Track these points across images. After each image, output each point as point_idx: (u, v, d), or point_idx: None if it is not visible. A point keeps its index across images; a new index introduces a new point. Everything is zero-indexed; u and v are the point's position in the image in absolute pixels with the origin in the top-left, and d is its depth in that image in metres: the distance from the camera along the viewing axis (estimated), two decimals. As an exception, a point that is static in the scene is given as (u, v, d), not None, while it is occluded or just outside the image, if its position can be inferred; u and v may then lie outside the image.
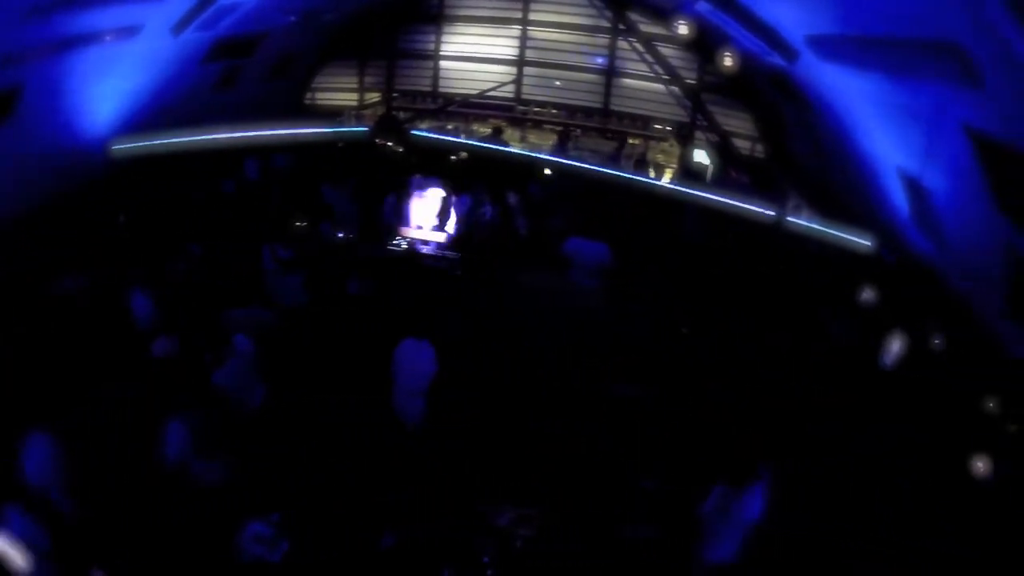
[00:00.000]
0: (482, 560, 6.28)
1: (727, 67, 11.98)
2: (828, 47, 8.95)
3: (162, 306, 8.93)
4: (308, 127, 10.86)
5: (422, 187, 13.21)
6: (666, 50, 17.01)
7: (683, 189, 12.69)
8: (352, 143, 11.65)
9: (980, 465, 6.48)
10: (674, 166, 16.66)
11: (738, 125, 17.22)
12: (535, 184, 14.39)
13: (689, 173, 15.67)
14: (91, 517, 6.20)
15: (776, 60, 11.25)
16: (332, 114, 17.87)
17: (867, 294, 9.31)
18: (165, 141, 8.95)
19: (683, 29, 12.54)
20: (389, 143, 10.19)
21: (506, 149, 14.60)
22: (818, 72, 10.09)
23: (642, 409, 8.46)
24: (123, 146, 9.15)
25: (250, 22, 11.87)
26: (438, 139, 12.82)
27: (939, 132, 7.35)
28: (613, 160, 16.24)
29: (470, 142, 15.45)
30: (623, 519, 7.17)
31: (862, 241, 8.59)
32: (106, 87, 10.04)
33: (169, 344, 7.94)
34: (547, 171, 14.09)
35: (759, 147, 16.99)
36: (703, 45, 15.46)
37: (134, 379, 7.69)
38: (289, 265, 10.05)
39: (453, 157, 14.95)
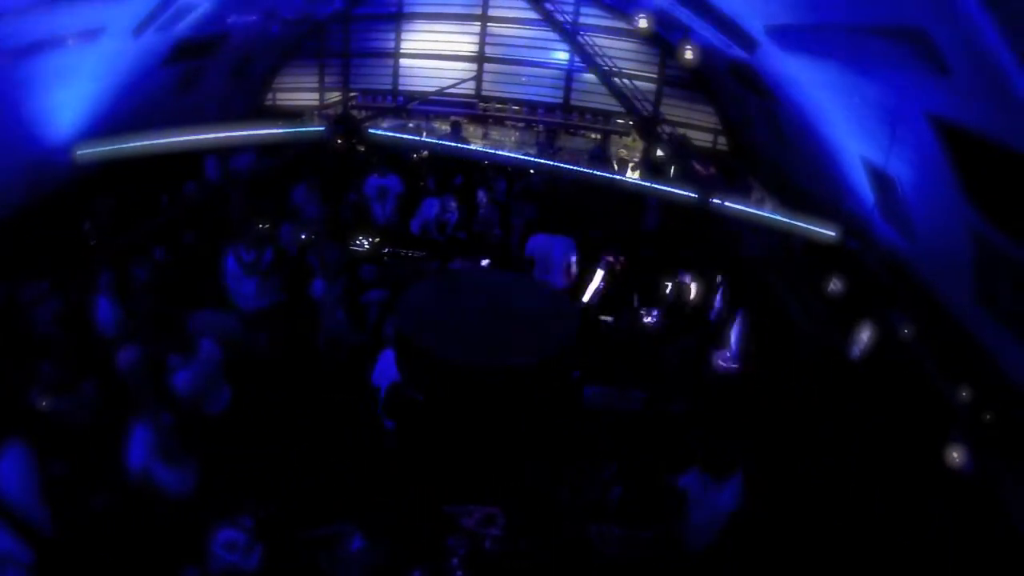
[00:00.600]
0: (451, 562, 6.31)
1: (688, 60, 11.87)
2: (788, 37, 8.87)
3: (126, 311, 8.92)
4: (268, 127, 10.66)
5: (384, 186, 13.12)
6: (627, 44, 17.03)
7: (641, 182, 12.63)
8: (311, 143, 11.52)
9: (955, 455, 6.40)
10: (636, 160, 16.67)
11: (701, 118, 17.27)
12: (500, 181, 14.35)
13: (652, 167, 15.67)
14: (61, 528, 6.14)
15: (736, 52, 11.21)
16: (294, 114, 17.76)
17: (834, 285, 9.27)
18: (128, 145, 8.80)
19: (643, 23, 12.41)
20: (346, 142, 10.05)
21: (466, 146, 14.48)
22: (779, 62, 10.03)
23: (611, 405, 8.51)
24: (87, 151, 9.01)
25: (209, 23, 11.75)
26: (397, 137, 12.70)
27: (903, 120, 7.29)
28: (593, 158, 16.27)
29: (429, 140, 15.38)
30: (590, 515, 7.10)
31: (826, 232, 8.52)
32: (69, 92, 9.88)
33: (133, 350, 7.76)
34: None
35: (722, 140, 17.06)
36: (663, 38, 15.45)
37: (98, 386, 7.65)
38: (252, 268, 9.92)
39: (414, 155, 14.87)
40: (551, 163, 12.77)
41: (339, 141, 9.95)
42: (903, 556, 6.58)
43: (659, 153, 16.25)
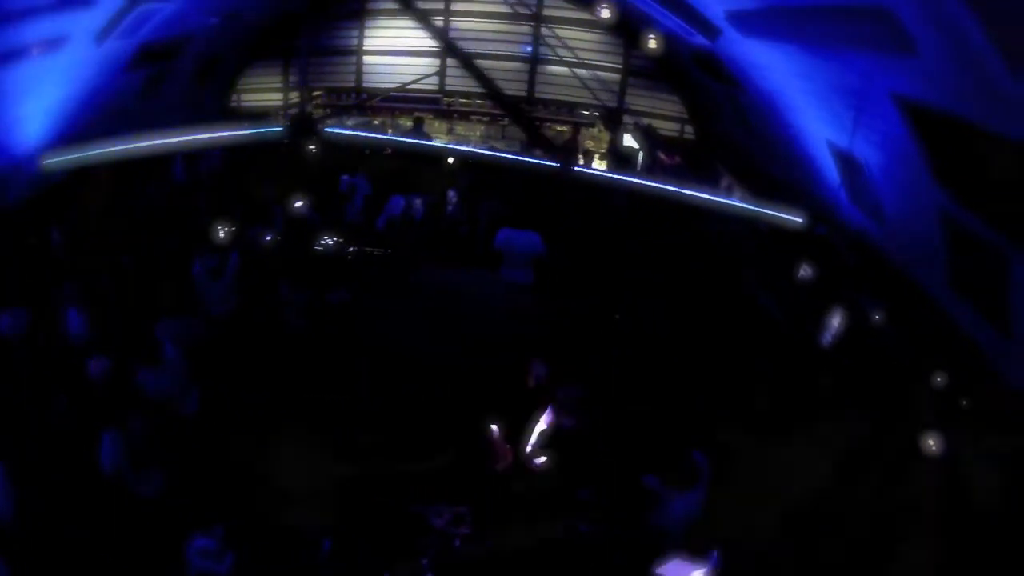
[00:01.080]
0: (421, 562, 6.33)
1: (652, 49, 11.76)
2: (750, 22, 8.78)
3: (95, 319, 8.81)
4: (229, 129, 10.48)
5: (348, 185, 12.97)
6: (590, 35, 16.94)
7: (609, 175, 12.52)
8: (273, 144, 11.36)
9: (932, 441, 6.32)
10: (604, 151, 16.58)
11: (668, 108, 17.19)
12: (464, 177, 14.22)
13: (619, 158, 15.59)
14: (37, 536, 6.17)
15: (699, 39, 11.12)
16: (259, 115, 17.51)
17: (805, 271, 9.21)
18: (94, 152, 8.68)
19: (605, 13, 12.30)
20: (304, 142, 9.91)
21: (429, 143, 14.31)
22: (742, 49, 9.95)
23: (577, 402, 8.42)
24: (53, 160, 8.87)
25: (171, 26, 11.55)
26: (356, 135, 12.51)
27: (868, 103, 7.21)
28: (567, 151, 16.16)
29: (390, 137, 15.19)
30: (559, 515, 7.03)
31: (794, 219, 8.42)
32: (35, 102, 9.68)
33: (102, 357, 7.79)
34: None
35: (689, 129, 17.01)
36: (627, 28, 15.34)
37: (69, 394, 7.64)
38: (217, 272, 9.77)
39: (378, 153, 14.71)
40: (515, 156, 12.62)
41: (295, 141, 9.79)
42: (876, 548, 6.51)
43: (627, 143, 16.18)
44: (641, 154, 15.48)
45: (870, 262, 8.52)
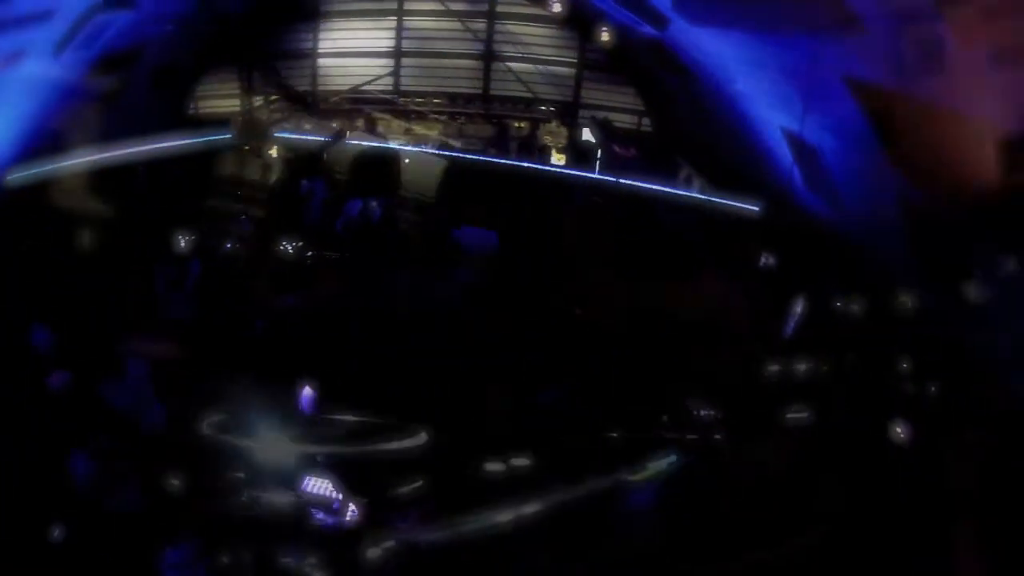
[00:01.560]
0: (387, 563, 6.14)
1: (604, 42, 11.69)
2: (697, 10, 8.69)
3: (59, 335, 8.52)
4: (184, 138, 10.31)
5: (307, 190, 12.79)
6: (544, 30, 16.80)
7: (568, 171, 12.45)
8: (230, 150, 11.21)
9: (900, 429, 6.25)
10: (561, 146, 16.46)
11: (624, 100, 17.08)
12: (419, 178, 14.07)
13: (577, 152, 15.49)
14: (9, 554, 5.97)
15: (648, 30, 11.03)
16: (218, 122, 17.21)
17: (766, 260, 9.14)
18: (56, 165, 8.50)
19: (557, 7, 12.21)
20: (253, 147, 9.74)
21: (385, 144, 14.13)
22: (691, 37, 9.87)
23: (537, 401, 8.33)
24: (16, 176, 8.69)
25: (127, 36, 11.30)
26: (306, 139, 12.34)
27: (820, 87, 7.14)
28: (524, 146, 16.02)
29: (344, 139, 15.00)
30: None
31: (750, 207, 8.35)
32: None
33: (66, 373, 7.61)
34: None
35: (646, 121, 16.91)
36: (579, 22, 15.23)
37: (35, 411, 7.35)
38: (178, 282, 9.47)
39: (328, 155, 14.53)
40: (472, 156, 12.53)
41: (246, 146, 9.62)
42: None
43: (585, 138, 16.06)
44: (598, 148, 15.38)
45: (829, 247, 8.45)
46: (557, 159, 15.43)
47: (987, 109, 5.74)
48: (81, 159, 8.70)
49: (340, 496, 6.70)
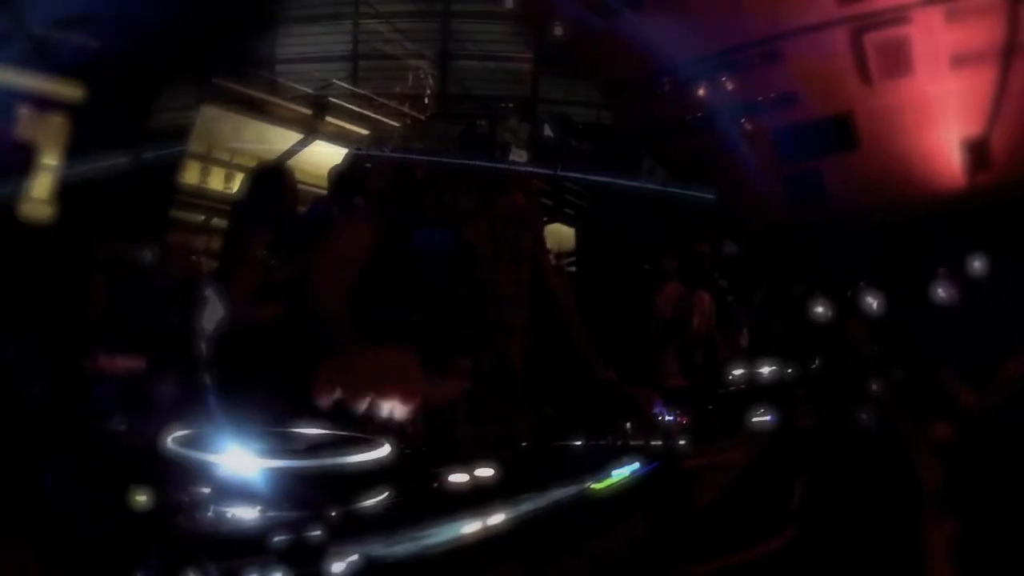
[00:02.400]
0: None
1: (558, 36, 11.65)
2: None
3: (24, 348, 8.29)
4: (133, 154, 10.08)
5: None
6: (501, 27, 16.77)
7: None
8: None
9: (864, 428, 6.23)
10: (521, 142, 16.40)
11: (583, 94, 17.09)
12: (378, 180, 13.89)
13: (537, 148, 15.45)
14: None
15: (599, 21, 11.01)
16: (178, 135, 16.98)
17: (728, 248, 9.12)
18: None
19: (510, 2, 12.15)
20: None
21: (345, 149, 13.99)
22: (640, 27, 9.84)
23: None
24: None
25: (79, 54, 11.11)
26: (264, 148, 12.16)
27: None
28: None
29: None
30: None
31: (704, 195, 8.33)
32: None
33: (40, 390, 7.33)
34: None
35: (605, 114, 16.92)
36: (533, 17, 15.18)
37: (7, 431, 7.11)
38: (144, 297, 9.30)
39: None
40: (431, 157, 12.34)
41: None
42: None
43: (546, 134, 16.03)
44: (558, 143, 15.36)
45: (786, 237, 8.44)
46: (518, 155, 15.40)
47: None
48: (43, 172, 8.48)
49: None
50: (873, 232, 13.92)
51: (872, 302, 9.17)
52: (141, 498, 5.59)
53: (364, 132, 9.59)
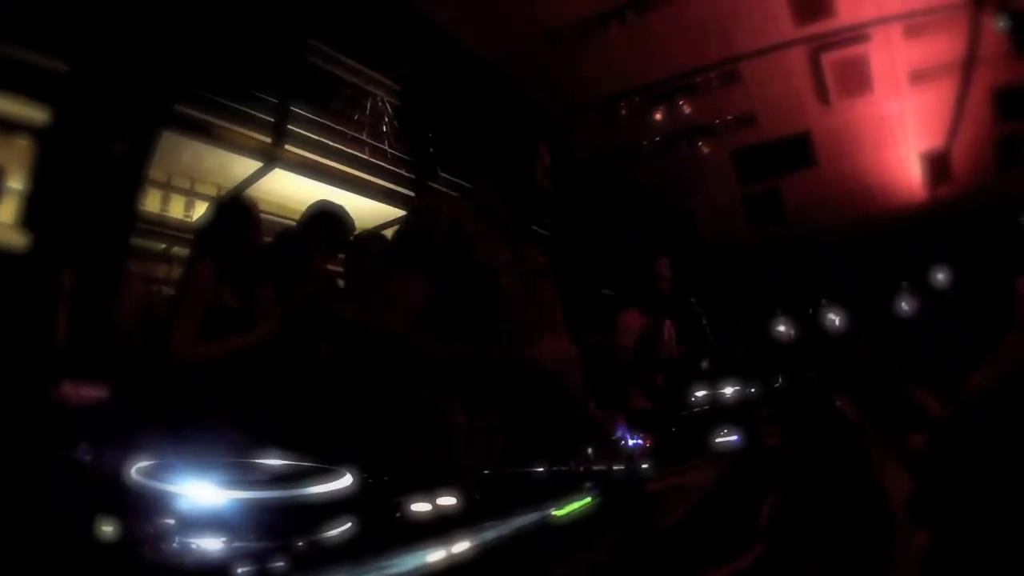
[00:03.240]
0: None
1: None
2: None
3: None
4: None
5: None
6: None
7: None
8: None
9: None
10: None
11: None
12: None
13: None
14: None
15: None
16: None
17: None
18: None
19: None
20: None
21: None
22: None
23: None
24: None
25: None
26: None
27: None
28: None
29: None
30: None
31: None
32: None
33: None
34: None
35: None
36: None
37: None
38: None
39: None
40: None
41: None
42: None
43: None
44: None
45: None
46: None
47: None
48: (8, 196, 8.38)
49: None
50: (834, 249, 14.09)
51: (834, 318, 9.27)
52: (106, 529, 5.50)
53: (324, 161, 9.50)
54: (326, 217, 6.26)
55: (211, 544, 3.15)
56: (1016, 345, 4.23)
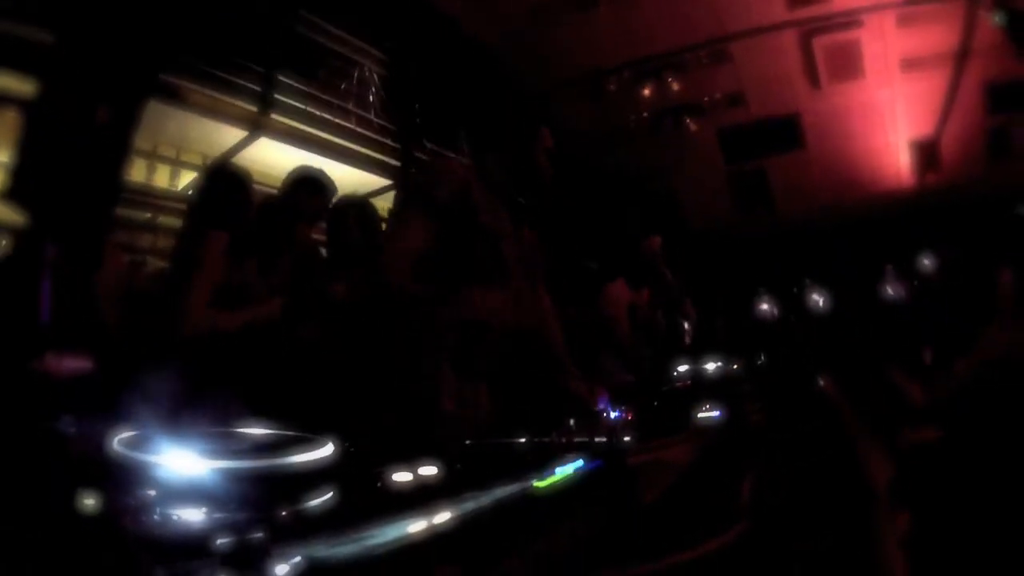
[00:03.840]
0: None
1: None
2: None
3: None
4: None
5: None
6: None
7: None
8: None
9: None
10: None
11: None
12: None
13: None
14: None
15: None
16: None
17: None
18: None
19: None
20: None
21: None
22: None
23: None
24: None
25: None
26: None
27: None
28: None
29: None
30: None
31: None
32: None
33: None
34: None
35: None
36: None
37: None
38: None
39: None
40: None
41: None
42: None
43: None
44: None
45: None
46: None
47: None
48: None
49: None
50: (820, 231, 14.12)
51: (818, 299, 9.29)
52: (88, 502, 5.45)
53: (310, 130, 9.43)
54: (307, 183, 6.17)
55: (192, 515, 3.13)
56: (998, 335, 4.26)
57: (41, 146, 8.88)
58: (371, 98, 10.37)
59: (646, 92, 12.60)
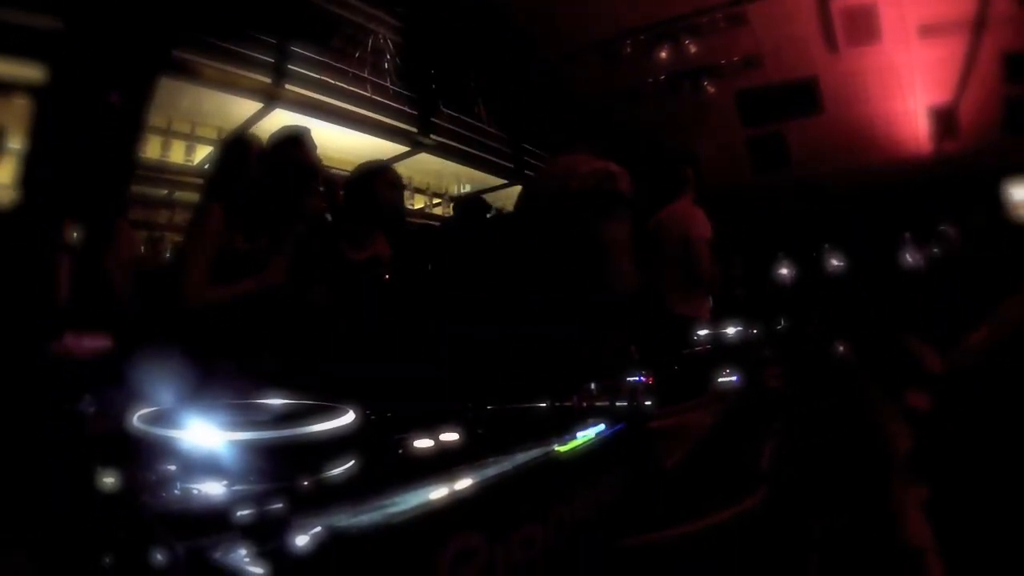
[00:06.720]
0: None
1: None
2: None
3: None
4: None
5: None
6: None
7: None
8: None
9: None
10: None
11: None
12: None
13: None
14: None
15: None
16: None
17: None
18: None
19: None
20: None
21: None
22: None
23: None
24: None
25: None
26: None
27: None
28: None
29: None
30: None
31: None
32: None
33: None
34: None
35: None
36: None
37: None
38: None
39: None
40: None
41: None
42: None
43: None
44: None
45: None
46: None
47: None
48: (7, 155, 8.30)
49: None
50: (838, 196, 14.00)
51: (836, 264, 9.24)
52: (109, 479, 5.45)
53: (326, 99, 9.39)
54: (287, 140, 6.12)
55: (213, 488, 3.14)
56: (1016, 307, 4.21)
57: (54, 129, 8.88)
58: (386, 65, 10.29)
59: (663, 55, 12.49)
